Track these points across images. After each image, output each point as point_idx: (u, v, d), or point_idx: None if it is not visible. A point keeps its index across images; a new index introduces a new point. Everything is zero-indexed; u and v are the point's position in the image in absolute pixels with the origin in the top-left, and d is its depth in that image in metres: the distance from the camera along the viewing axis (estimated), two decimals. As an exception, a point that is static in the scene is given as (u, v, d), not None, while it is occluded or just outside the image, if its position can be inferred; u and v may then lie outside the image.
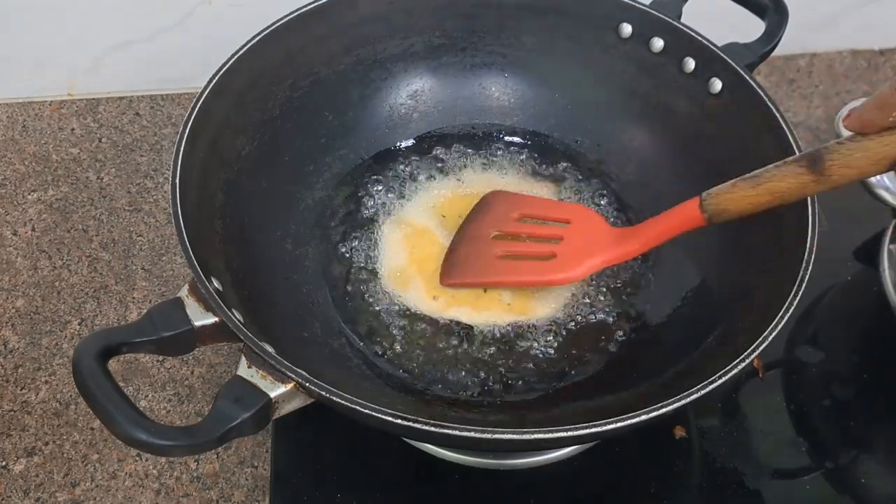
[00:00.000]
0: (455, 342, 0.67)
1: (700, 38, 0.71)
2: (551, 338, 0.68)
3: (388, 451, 0.67)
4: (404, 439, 0.67)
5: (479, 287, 0.69)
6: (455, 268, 0.70)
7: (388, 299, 0.69)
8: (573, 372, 0.66)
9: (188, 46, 0.88)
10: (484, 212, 0.73)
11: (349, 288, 0.70)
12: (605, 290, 0.70)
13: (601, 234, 0.68)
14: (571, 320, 0.68)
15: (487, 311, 0.69)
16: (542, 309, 0.69)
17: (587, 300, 0.70)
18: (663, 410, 0.51)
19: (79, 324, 0.75)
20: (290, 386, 0.52)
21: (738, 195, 0.58)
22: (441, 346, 0.67)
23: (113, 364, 0.52)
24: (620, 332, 0.68)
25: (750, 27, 0.71)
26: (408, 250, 0.72)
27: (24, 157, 0.86)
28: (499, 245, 0.70)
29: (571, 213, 0.71)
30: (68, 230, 0.81)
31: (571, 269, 0.67)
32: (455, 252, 0.70)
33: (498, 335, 0.67)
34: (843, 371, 0.73)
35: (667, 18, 0.72)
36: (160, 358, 0.73)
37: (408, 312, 0.68)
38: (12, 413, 0.70)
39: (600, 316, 0.69)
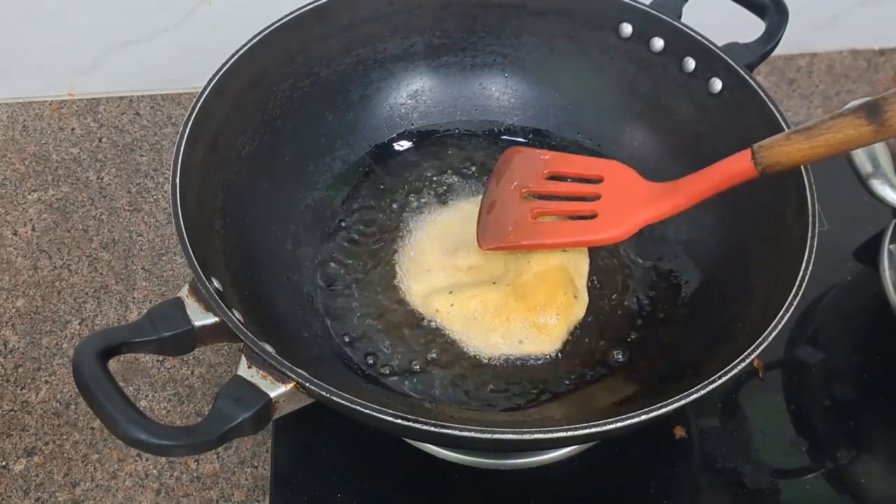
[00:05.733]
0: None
1: (700, 38, 0.71)
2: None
3: (388, 451, 0.67)
4: (404, 439, 0.67)
5: (520, 250, 0.66)
6: (490, 231, 0.67)
7: (388, 300, 0.69)
8: (573, 372, 0.66)
9: (188, 46, 0.88)
10: (511, 171, 0.70)
11: (349, 288, 0.69)
12: (604, 289, 0.70)
13: (640, 189, 0.65)
14: (571, 321, 0.68)
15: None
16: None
17: (593, 302, 0.69)
18: (663, 410, 0.51)
19: (79, 324, 0.75)
20: (290, 386, 0.52)
21: (793, 147, 0.57)
22: (439, 348, 0.67)
23: (113, 364, 0.52)
24: (622, 333, 0.68)
25: (750, 27, 0.71)
26: (408, 251, 0.72)
27: (25, 157, 0.86)
28: (534, 205, 0.67)
29: (604, 169, 0.68)
30: (68, 230, 0.81)
31: (615, 226, 0.64)
32: (488, 215, 0.68)
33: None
34: (844, 371, 0.73)
35: (667, 18, 0.72)
36: (160, 358, 0.73)
37: (408, 314, 0.68)
38: (12, 413, 0.71)
39: (604, 317, 0.69)
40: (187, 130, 0.62)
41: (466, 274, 0.69)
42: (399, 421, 0.50)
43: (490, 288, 0.67)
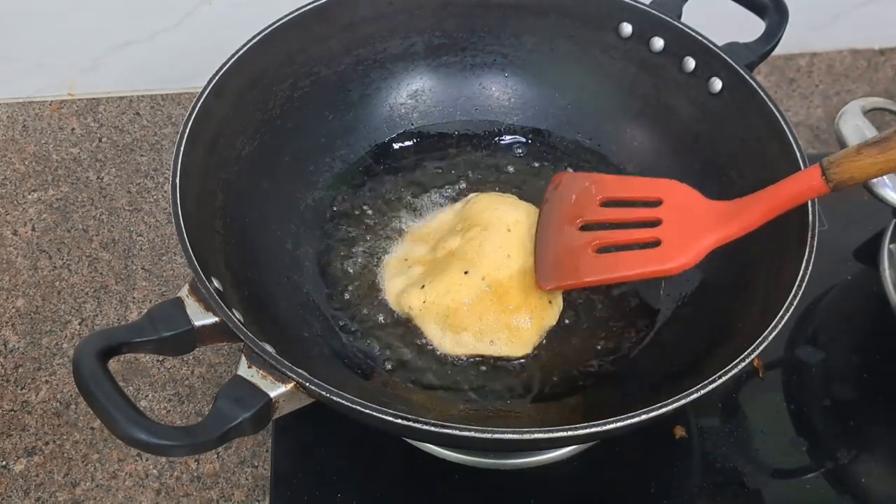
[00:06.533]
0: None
1: (700, 38, 0.71)
2: (551, 338, 0.68)
3: (388, 451, 0.67)
4: (404, 439, 0.67)
5: (583, 287, 0.64)
6: (551, 270, 0.65)
7: (387, 300, 0.69)
8: (573, 371, 0.66)
9: (188, 46, 0.88)
10: (561, 200, 0.67)
11: (349, 288, 0.70)
12: (604, 289, 0.70)
13: (703, 210, 0.62)
14: (571, 321, 0.68)
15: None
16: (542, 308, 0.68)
17: (586, 300, 0.69)
18: (663, 410, 0.51)
19: (79, 324, 0.75)
20: (290, 386, 0.52)
21: (866, 161, 0.55)
22: (412, 346, 0.67)
23: (113, 364, 0.52)
24: (621, 333, 0.68)
25: (750, 27, 0.71)
26: (408, 251, 0.72)
27: (25, 156, 0.86)
28: (592, 237, 0.64)
29: (662, 191, 0.64)
30: (68, 230, 0.81)
31: (682, 254, 0.60)
32: (545, 252, 0.66)
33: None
34: (843, 371, 0.73)
35: (667, 18, 0.72)
36: (160, 358, 0.73)
37: (385, 312, 0.68)
38: (12, 413, 0.71)
39: (600, 316, 0.69)
40: (187, 130, 0.62)
41: (443, 261, 0.68)
42: (399, 421, 0.50)
43: (463, 280, 0.66)
